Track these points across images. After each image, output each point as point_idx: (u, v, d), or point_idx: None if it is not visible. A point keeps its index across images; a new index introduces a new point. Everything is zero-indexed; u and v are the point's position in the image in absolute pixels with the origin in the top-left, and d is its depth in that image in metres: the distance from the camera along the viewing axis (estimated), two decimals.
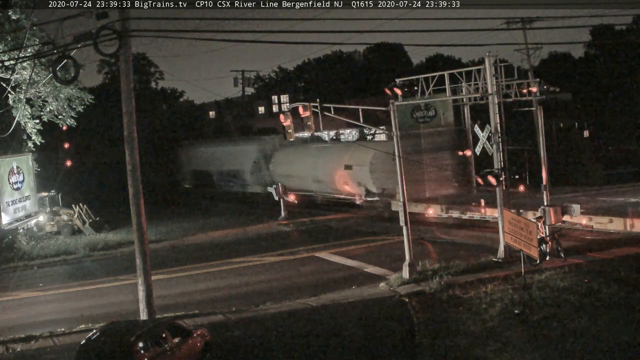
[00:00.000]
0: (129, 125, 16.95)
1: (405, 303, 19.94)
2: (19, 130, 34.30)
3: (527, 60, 42.29)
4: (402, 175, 23.19)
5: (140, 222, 17.06)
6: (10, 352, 17.95)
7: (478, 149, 24.84)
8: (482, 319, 17.52)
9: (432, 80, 25.66)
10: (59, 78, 18.69)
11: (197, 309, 20.73)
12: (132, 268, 19.29)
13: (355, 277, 23.87)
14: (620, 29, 64.64)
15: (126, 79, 16.87)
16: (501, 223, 23.09)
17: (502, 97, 24.78)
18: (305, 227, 35.83)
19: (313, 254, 28.34)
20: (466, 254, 25.20)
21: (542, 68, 62.97)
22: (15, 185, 34.54)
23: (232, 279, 25.35)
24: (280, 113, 38.53)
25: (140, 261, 17.10)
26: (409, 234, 22.81)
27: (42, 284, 26.56)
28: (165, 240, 34.12)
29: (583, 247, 24.66)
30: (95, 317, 20.46)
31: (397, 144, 23.24)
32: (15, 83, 31.82)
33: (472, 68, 26.30)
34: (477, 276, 21.65)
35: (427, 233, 30.16)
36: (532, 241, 19.97)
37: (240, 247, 31.38)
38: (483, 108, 27.26)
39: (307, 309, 20.22)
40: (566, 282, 19.85)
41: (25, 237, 34.57)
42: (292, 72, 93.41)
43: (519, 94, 25.64)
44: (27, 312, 22.46)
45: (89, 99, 34.95)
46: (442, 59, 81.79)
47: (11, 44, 30.34)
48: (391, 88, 23.21)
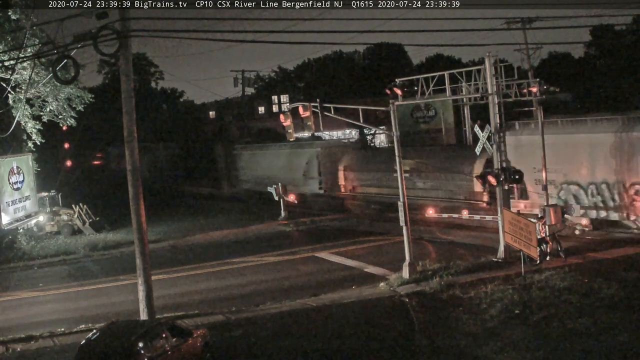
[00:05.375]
0: (129, 125, 16.96)
1: (405, 303, 19.94)
2: (19, 130, 34.31)
3: (527, 60, 42.28)
4: (402, 175, 23.21)
5: (140, 222, 17.06)
6: (10, 352, 17.95)
7: (478, 149, 24.79)
8: (482, 319, 17.52)
9: (432, 80, 25.65)
10: (59, 78, 18.68)
11: (197, 309, 20.72)
12: (132, 268, 19.29)
13: (355, 277, 23.87)
14: (620, 29, 64.64)
15: (126, 79, 16.87)
16: (501, 223, 23.09)
17: (502, 97, 24.76)
18: (305, 227, 35.82)
19: (313, 254, 28.33)
20: (466, 254, 25.20)
21: (542, 68, 62.97)
22: (15, 185, 34.54)
23: (232, 279, 25.35)
24: (280, 113, 38.54)
25: (140, 261, 17.10)
26: (409, 234, 22.81)
27: (42, 284, 26.56)
28: (165, 240, 34.10)
29: (583, 247, 24.65)
30: (95, 317, 20.46)
31: (397, 144, 23.24)
32: (15, 83, 31.82)
33: (472, 68, 26.26)
34: (477, 276, 21.65)
35: (427, 233, 30.15)
36: (532, 241, 19.99)
37: (240, 247, 31.37)
38: (483, 108, 27.25)
39: (307, 309, 20.21)
40: (566, 282, 19.84)
41: (25, 237, 34.56)
42: (292, 72, 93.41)
43: (519, 94, 25.60)
44: (27, 312, 22.47)
45: (88, 98, 34.95)
46: (442, 59, 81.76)
47: (11, 44, 30.34)
48: (391, 88, 23.21)
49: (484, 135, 24.01)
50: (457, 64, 75.04)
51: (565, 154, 26.91)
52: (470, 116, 35.62)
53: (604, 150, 25.70)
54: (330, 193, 40.40)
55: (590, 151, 26.25)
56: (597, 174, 26.08)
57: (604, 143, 25.65)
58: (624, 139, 25.10)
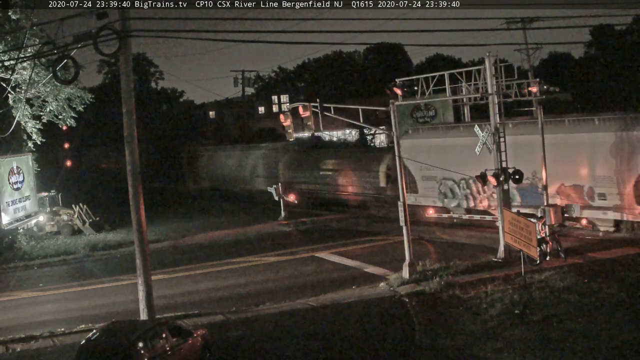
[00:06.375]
0: (129, 125, 16.95)
1: (405, 303, 19.94)
2: (19, 130, 34.33)
3: (527, 60, 42.31)
4: (402, 175, 23.21)
5: (140, 222, 17.06)
6: (10, 352, 17.96)
7: (478, 149, 24.77)
8: (482, 319, 17.52)
9: (432, 80, 25.63)
10: (59, 78, 18.69)
11: (197, 309, 20.73)
12: (132, 268, 19.29)
13: (355, 277, 23.87)
14: (620, 29, 64.64)
15: (126, 79, 16.86)
16: (501, 223, 23.09)
17: (502, 97, 24.75)
18: (305, 227, 35.80)
19: (313, 254, 28.33)
20: (466, 254, 25.19)
21: (542, 68, 62.99)
22: (15, 185, 34.54)
23: (232, 279, 25.35)
24: (280, 113, 38.63)
25: (140, 261, 17.09)
26: (409, 234, 22.81)
27: (42, 284, 26.56)
28: (165, 240, 34.09)
29: (583, 247, 24.66)
30: (95, 317, 20.46)
31: (396, 143, 23.23)
32: (15, 83, 31.84)
33: (472, 68, 26.25)
34: (477, 276, 21.64)
35: (427, 233, 30.15)
36: (532, 241, 19.96)
37: (240, 247, 31.36)
38: (483, 108, 27.25)
39: (307, 309, 20.22)
40: (566, 282, 19.85)
41: (25, 237, 34.55)
42: (292, 72, 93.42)
43: (519, 94, 25.59)
44: (27, 312, 22.47)
45: (88, 98, 34.95)
46: (442, 59, 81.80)
47: (11, 44, 30.36)
48: (391, 88, 23.21)
49: (484, 135, 24.00)
50: (457, 64, 75.07)
51: (439, 156, 30.57)
52: (470, 116, 35.62)
53: (468, 152, 26.58)
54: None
55: (458, 153, 29.64)
56: (465, 171, 27.93)
57: (467, 145, 27.15)
58: (469, 143, 26.46)
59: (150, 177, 61.01)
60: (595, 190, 26.28)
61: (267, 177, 45.33)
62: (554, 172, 26.59)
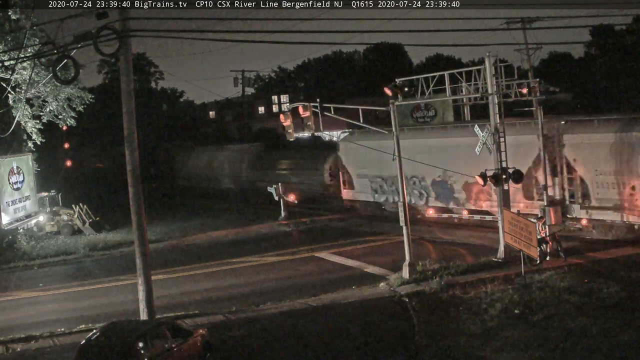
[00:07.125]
0: (129, 125, 16.95)
1: (405, 303, 19.94)
2: (19, 130, 34.29)
3: (527, 60, 42.24)
4: (402, 175, 23.20)
5: (140, 222, 17.07)
6: (10, 352, 17.95)
7: (478, 149, 24.78)
8: (482, 319, 17.52)
9: (432, 80, 25.64)
10: (59, 78, 18.70)
11: (197, 309, 20.73)
12: (132, 268, 19.28)
13: (355, 277, 23.86)
14: (620, 29, 64.68)
15: (126, 79, 16.86)
16: (501, 223, 23.09)
17: (502, 97, 24.75)
18: (305, 227, 35.80)
19: (313, 254, 28.33)
20: (466, 254, 25.21)
21: (542, 68, 62.97)
22: (15, 185, 34.53)
23: (232, 279, 25.35)
24: (280, 113, 38.74)
25: (140, 261, 17.10)
26: (409, 234, 22.81)
27: (42, 284, 26.55)
28: (165, 240, 34.06)
29: (583, 247, 24.66)
30: (95, 317, 20.45)
31: (396, 144, 23.23)
32: (15, 83, 31.81)
33: (472, 68, 26.26)
34: (477, 276, 21.65)
35: (427, 233, 30.15)
36: (532, 241, 19.98)
37: (240, 247, 31.36)
38: (483, 108, 27.26)
39: (307, 309, 20.22)
40: (566, 282, 19.86)
41: (25, 237, 34.51)
42: (292, 72, 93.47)
43: (519, 94, 25.61)
44: (27, 312, 22.46)
45: (88, 98, 34.93)
46: (442, 59, 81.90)
47: (11, 44, 30.33)
48: (391, 88, 23.20)
49: (484, 135, 24.01)
50: (457, 64, 75.12)
51: (374, 156, 31.26)
52: (470, 116, 35.62)
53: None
54: (236, 187, 48.89)
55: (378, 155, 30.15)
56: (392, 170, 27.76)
57: (388, 148, 27.26)
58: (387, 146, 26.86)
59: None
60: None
61: (232, 177, 49.38)
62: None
